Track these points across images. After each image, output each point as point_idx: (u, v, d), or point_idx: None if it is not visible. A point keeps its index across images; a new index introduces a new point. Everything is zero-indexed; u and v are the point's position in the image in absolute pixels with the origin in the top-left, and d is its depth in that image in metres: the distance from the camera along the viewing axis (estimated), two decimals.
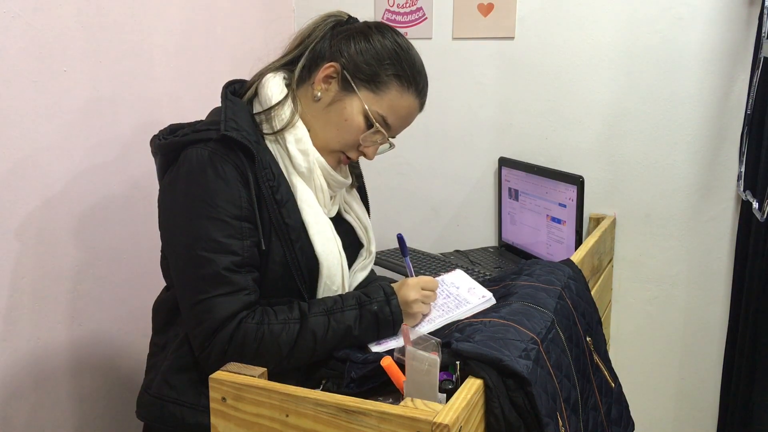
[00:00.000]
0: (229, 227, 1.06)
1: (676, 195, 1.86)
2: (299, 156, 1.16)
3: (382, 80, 1.16)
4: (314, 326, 1.08)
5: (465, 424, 0.81)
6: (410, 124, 1.24)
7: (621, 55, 1.85)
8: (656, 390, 1.96)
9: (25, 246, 1.38)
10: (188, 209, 1.08)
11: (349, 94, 1.16)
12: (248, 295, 1.07)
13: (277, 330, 1.06)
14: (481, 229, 2.12)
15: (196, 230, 1.06)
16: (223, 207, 1.06)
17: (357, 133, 1.17)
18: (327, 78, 1.17)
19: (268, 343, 1.05)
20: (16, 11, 1.32)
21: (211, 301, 1.05)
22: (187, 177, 1.09)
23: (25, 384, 1.42)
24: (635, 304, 1.95)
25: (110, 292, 1.60)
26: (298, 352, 1.07)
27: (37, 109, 1.38)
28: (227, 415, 0.92)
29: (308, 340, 1.07)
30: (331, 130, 1.18)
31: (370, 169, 2.16)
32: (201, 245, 1.06)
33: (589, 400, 1.14)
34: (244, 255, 1.07)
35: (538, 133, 1.98)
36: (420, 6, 2.06)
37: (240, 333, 1.04)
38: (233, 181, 1.07)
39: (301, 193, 1.16)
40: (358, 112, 1.16)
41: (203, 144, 1.09)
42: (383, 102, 1.17)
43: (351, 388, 1.01)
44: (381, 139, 1.20)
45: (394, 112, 1.18)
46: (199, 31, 1.81)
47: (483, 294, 1.18)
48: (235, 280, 1.06)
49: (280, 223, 1.11)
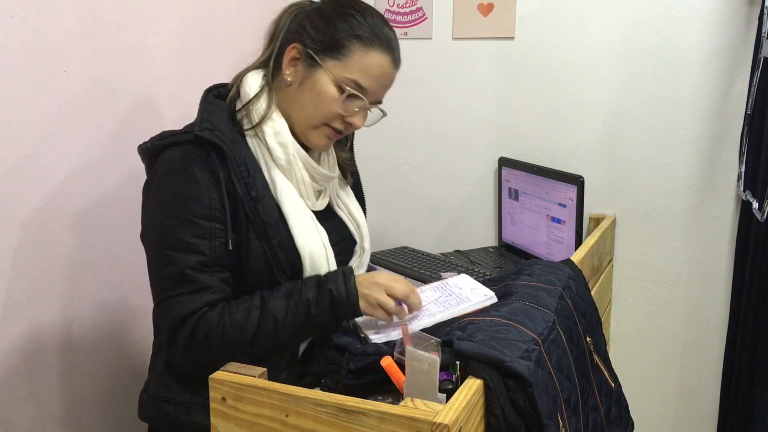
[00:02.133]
0: (197, 227, 1.09)
1: (676, 195, 1.86)
2: (278, 149, 1.17)
3: (343, 44, 1.15)
4: (274, 310, 1.08)
5: (465, 424, 0.81)
6: (390, 83, 1.21)
7: (621, 55, 1.85)
8: (656, 390, 1.96)
9: (24, 245, 1.38)
10: (159, 210, 1.12)
11: (316, 69, 1.16)
12: (213, 293, 1.09)
13: (239, 318, 1.07)
14: (481, 229, 2.12)
15: (165, 230, 1.10)
16: (192, 207, 1.09)
17: (332, 103, 1.16)
18: (292, 60, 1.18)
19: (230, 331, 1.07)
20: (16, 11, 1.32)
21: (174, 299, 1.08)
22: (160, 179, 1.13)
23: (22, 385, 1.42)
24: (635, 304, 1.95)
25: (111, 293, 1.60)
26: (261, 336, 1.08)
27: (37, 109, 1.38)
28: (227, 415, 0.92)
29: (269, 324, 1.08)
30: (308, 108, 1.18)
31: (371, 169, 2.17)
32: (168, 244, 1.09)
33: (589, 401, 1.14)
34: (211, 255, 1.09)
35: (538, 133, 1.98)
36: (420, 6, 2.06)
37: (201, 326, 1.07)
38: (204, 181, 1.10)
39: (280, 187, 1.17)
40: (328, 83, 1.16)
41: (178, 147, 1.12)
42: (351, 66, 1.16)
43: (349, 379, 1.01)
44: (361, 105, 1.18)
45: (364, 74, 1.16)
46: (199, 31, 1.81)
47: (485, 293, 1.18)
48: (199, 279, 1.08)
49: (257, 220, 1.12)
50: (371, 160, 2.16)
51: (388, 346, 1.02)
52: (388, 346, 1.03)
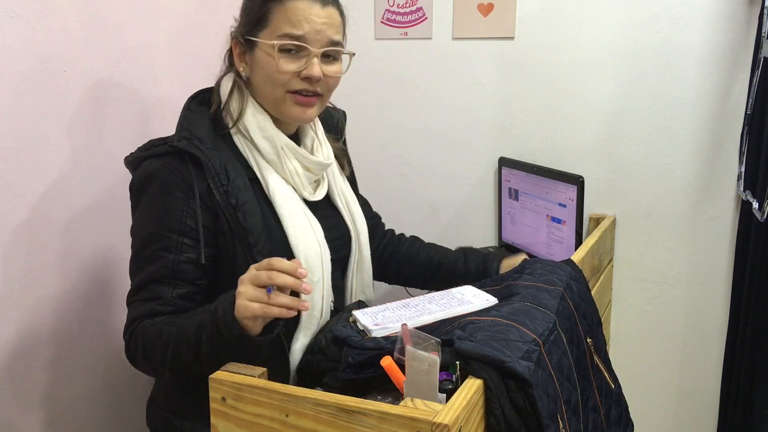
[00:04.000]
0: (164, 239, 1.12)
1: (676, 195, 1.85)
2: (265, 144, 1.19)
3: (262, 13, 1.18)
4: (182, 323, 1.07)
5: (465, 425, 0.81)
6: (326, 21, 1.17)
7: (621, 55, 1.85)
8: (656, 390, 1.96)
9: (22, 245, 1.38)
10: (137, 220, 1.18)
11: (255, 48, 1.19)
12: (161, 305, 1.11)
13: (162, 328, 1.09)
14: (481, 229, 2.12)
15: (137, 240, 1.16)
16: (161, 220, 1.12)
17: (277, 66, 1.16)
18: (240, 56, 1.23)
19: (151, 338, 1.09)
20: (16, 11, 1.31)
21: (132, 305, 1.15)
22: (137, 190, 1.18)
23: (19, 386, 1.42)
24: (635, 304, 1.95)
25: (109, 293, 1.60)
26: (158, 347, 1.08)
27: (36, 109, 1.38)
28: (227, 415, 0.92)
29: (165, 338, 1.07)
30: (267, 86, 1.19)
31: (371, 169, 2.17)
32: (137, 253, 1.15)
33: (589, 402, 1.14)
34: (172, 268, 1.11)
35: (538, 133, 1.98)
36: (420, 6, 2.06)
37: (137, 331, 1.11)
38: (177, 194, 1.12)
39: (272, 185, 1.18)
40: (268, 53, 1.17)
41: (157, 158, 1.14)
42: (277, 26, 1.17)
43: (348, 373, 1.01)
44: (306, 53, 1.17)
45: (291, 24, 1.16)
46: (199, 31, 1.81)
47: (487, 298, 1.18)
48: (153, 289, 1.11)
49: (239, 228, 1.12)
50: (371, 160, 2.16)
51: (388, 341, 1.01)
52: (387, 340, 1.02)
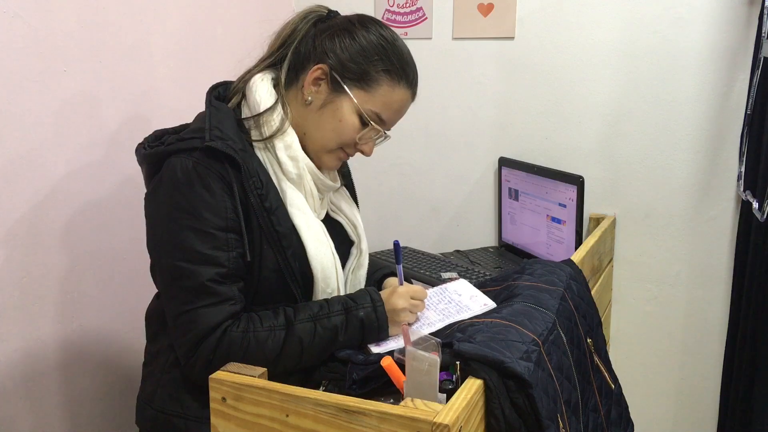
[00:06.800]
0: (214, 239, 1.06)
1: (676, 195, 1.86)
2: (289, 162, 1.14)
3: (372, 77, 1.14)
4: (300, 332, 1.07)
5: (465, 425, 0.81)
6: (404, 115, 1.23)
7: (621, 55, 1.85)
8: (656, 390, 1.96)
9: (23, 245, 1.38)
10: (172, 220, 1.07)
11: (341, 95, 1.14)
12: (233, 305, 1.06)
13: (263, 337, 1.05)
14: (481, 229, 2.12)
15: (181, 242, 1.05)
16: (207, 218, 1.05)
17: (353, 132, 1.16)
18: (316, 80, 1.15)
19: (254, 350, 1.05)
20: (16, 11, 1.32)
21: (195, 312, 1.04)
22: (170, 187, 1.07)
23: (20, 386, 1.42)
24: (635, 304, 1.95)
25: (108, 293, 1.60)
26: (284, 358, 1.06)
27: (36, 109, 1.38)
28: (227, 415, 0.92)
29: (294, 347, 1.07)
30: (327, 132, 1.16)
31: (371, 169, 2.17)
32: (186, 257, 1.05)
33: (590, 402, 1.14)
34: (230, 266, 1.07)
35: (538, 133, 1.98)
36: (420, 6, 2.06)
37: (225, 342, 1.04)
38: (218, 191, 1.06)
39: (291, 198, 1.15)
40: (351, 112, 1.15)
41: (187, 153, 1.08)
42: (376, 99, 1.15)
43: (353, 389, 1.01)
44: (377, 135, 1.19)
45: (387, 108, 1.17)
46: (199, 31, 1.81)
47: (485, 302, 1.18)
48: (220, 291, 1.05)
49: (271, 231, 1.10)
50: (371, 160, 2.15)
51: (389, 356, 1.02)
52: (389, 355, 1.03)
